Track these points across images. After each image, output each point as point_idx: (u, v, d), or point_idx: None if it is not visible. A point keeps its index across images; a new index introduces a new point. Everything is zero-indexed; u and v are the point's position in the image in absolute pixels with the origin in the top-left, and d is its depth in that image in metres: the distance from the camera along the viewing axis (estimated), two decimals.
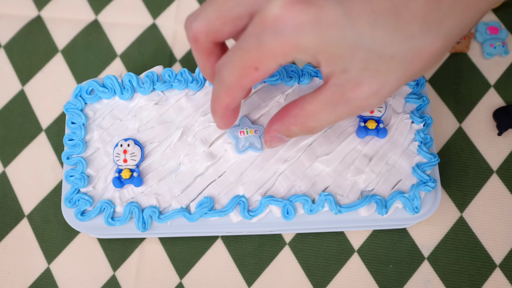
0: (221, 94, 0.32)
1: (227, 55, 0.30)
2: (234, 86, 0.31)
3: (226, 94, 0.32)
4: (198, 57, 0.34)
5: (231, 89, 0.31)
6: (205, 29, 0.31)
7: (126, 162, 0.42)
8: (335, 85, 0.29)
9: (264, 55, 0.28)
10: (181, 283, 0.45)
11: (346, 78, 0.29)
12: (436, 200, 0.42)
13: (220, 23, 0.31)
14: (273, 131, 0.35)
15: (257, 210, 0.40)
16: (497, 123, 0.47)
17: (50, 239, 0.46)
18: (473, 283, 0.44)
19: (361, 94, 0.29)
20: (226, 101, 0.32)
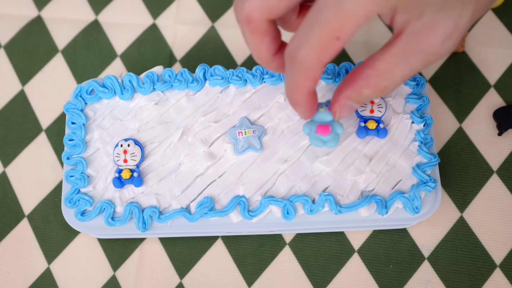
0: (301, 79, 0.30)
1: (300, 35, 0.28)
2: (315, 65, 0.29)
3: (306, 77, 0.30)
4: (252, 39, 0.31)
5: (312, 70, 0.29)
6: (259, 6, 0.29)
7: (126, 162, 0.42)
8: (409, 34, 0.28)
9: (346, 20, 0.26)
10: (181, 283, 0.45)
11: (421, 24, 0.28)
12: (436, 200, 0.42)
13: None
14: (343, 98, 0.32)
15: (257, 210, 0.40)
16: (497, 123, 0.47)
17: (50, 239, 0.46)
18: (473, 283, 0.44)
19: (437, 39, 0.28)
20: (308, 85, 0.30)
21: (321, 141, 0.37)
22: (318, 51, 0.28)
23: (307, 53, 0.28)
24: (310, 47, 0.28)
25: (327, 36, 0.27)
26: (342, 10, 0.26)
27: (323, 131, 0.36)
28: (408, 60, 0.29)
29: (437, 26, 0.28)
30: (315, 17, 0.27)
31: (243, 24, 0.30)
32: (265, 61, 0.33)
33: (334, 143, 0.37)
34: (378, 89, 0.31)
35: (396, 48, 0.29)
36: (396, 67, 0.30)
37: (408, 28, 0.28)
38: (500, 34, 0.50)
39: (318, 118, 0.37)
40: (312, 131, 0.37)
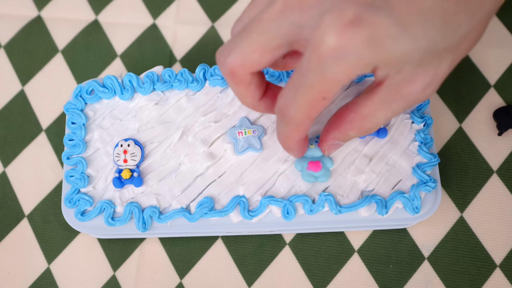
0: (293, 132, 0.32)
1: (288, 94, 0.30)
2: (305, 121, 0.31)
3: (297, 130, 0.32)
4: (236, 89, 0.33)
5: (302, 125, 0.31)
6: (241, 62, 0.31)
7: (126, 162, 0.42)
8: (389, 85, 0.30)
9: (330, 84, 0.28)
10: (181, 283, 0.45)
11: (400, 77, 0.29)
12: (436, 200, 0.42)
13: (258, 55, 0.30)
14: (330, 139, 0.36)
15: (257, 210, 0.40)
16: (497, 123, 0.47)
17: (50, 239, 0.46)
18: (473, 283, 0.44)
19: (416, 88, 0.30)
20: (299, 136, 0.33)
21: (313, 177, 0.41)
22: (307, 110, 0.30)
23: (296, 112, 0.30)
24: (299, 107, 0.30)
25: (314, 98, 0.29)
26: (325, 75, 0.27)
27: (314, 167, 0.40)
28: (390, 105, 0.31)
29: (416, 78, 0.30)
30: (300, 81, 0.29)
31: (227, 77, 0.32)
32: (252, 106, 0.35)
33: (325, 178, 0.41)
34: (363, 130, 0.34)
35: (378, 96, 0.31)
36: (379, 111, 0.32)
37: (388, 80, 0.30)
38: (500, 34, 0.51)
39: (309, 154, 0.41)
40: (304, 168, 0.41)
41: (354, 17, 0.26)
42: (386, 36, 0.26)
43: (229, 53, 0.31)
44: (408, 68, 0.29)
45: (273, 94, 0.35)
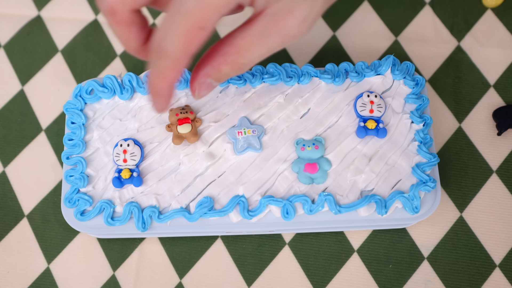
0: (168, 70, 0.30)
1: (164, 25, 0.28)
2: (182, 56, 0.29)
3: (173, 68, 0.30)
4: (118, 30, 0.31)
5: (179, 61, 0.29)
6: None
7: (126, 162, 0.42)
8: (268, 15, 0.30)
9: (207, 10, 0.27)
10: (181, 283, 0.45)
11: (280, 6, 0.29)
12: (436, 200, 0.42)
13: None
14: (202, 76, 0.33)
15: (257, 210, 0.40)
16: (497, 123, 0.47)
17: (50, 239, 0.46)
18: (473, 283, 0.44)
19: (293, 21, 0.30)
20: (174, 75, 0.30)
21: (310, 178, 0.41)
22: (184, 42, 0.28)
23: (173, 44, 0.28)
24: (176, 38, 0.28)
25: (191, 27, 0.28)
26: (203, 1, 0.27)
27: (311, 169, 0.41)
28: (266, 40, 0.30)
29: (294, 9, 0.29)
30: (177, 8, 0.28)
31: (107, 15, 0.30)
32: (135, 51, 0.33)
33: (322, 180, 0.41)
34: (236, 66, 0.32)
35: (255, 27, 0.30)
36: (254, 45, 0.31)
37: (268, 9, 0.29)
38: (500, 34, 0.51)
39: (305, 156, 0.41)
40: (301, 170, 0.41)
41: None
42: None
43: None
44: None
45: None
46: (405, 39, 0.51)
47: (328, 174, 0.41)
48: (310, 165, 0.41)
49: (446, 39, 0.50)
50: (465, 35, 0.50)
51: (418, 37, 0.51)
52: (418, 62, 0.50)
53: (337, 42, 0.51)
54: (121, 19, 0.30)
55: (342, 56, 0.50)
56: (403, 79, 0.44)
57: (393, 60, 0.44)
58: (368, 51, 0.50)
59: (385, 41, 0.51)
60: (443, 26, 0.51)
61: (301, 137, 0.43)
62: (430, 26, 0.51)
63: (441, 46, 0.50)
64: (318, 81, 0.44)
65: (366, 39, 0.51)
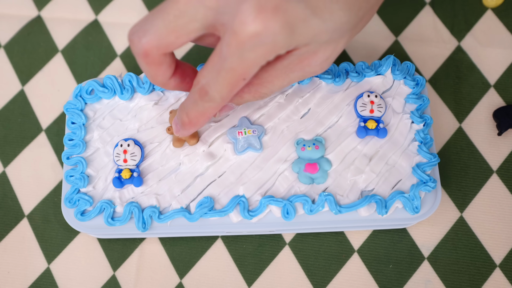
0: (210, 109, 0.34)
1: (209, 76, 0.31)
2: (224, 101, 0.33)
3: (215, 109, 0.34)
4: (148, 69, 0.33)
5: (221, 104, 0.33)
6: (156, 44, 0.31)
7: (126, 162, 0.42)
8: (294, 55, 0.32)
9: (249, 67, 0.30)
10: (181, 283, 0.45)
11: (306, 50, 0.32)
12: (436, 200, 0.42)
13: (174, 37, 0.31)
14: None
15: (257, 210, 0.40)
16: (497, 123, 0.47)
17: (50, 239, 0.46)
18: (473, 283, 0.44)
19: (316, 61, 0.33)
20: (213, 113, 0.35)
21: (310, 178, 0.41)
22: (228, 89, 0.32)
23: (218, 92, 0.32)
24: (221, 87, 0.31)
25: (235, 80, 0.31)
26: (244, 59, 0.29)
27: (312, 169, 0.41)
28: (288, 74, 0.34)
29: (318, 52, 0.32)
30: (221, 64, 0.30)
31: (139, 57, 0.32)
32: (162, 84, 0.36)
33: (322, 180, 0.41)
34: (258, 95, 0.35)
35: (280, 63, 0.33)
36: (277, 78, 0.34)
37: (295, 51, 0.32)
38: (500, 34, 0.51)
39: (306, 156, 0.41)
40: (301, 170, 0.41)
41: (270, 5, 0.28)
42: (298, 20, 0.29)
43: (144, 34, 0.31)
44: (314, 43, 0.31)
45: (182, 72, 0.36)
46: (405, 39, 0.51)
47: (329, 174, 0.41)
48: (310, 165, 0.41)
49: (446, 39, 0.50)
50: (466, 35, 0.50)
51: (418, 37, 0.51)
52: (418, 62, 0.50)
53: None
54: (152, 61, 0.33)
55: (342, 56, 0.50)
56: (403, 79, 0.44)
57: (393, 60, 0.44)
58: (368, 51, 0.50)
59: (385, 41, 0.51)
60: (443, 26, 0.51)
61: (301, 137, 0.43)
62: (430, 26, 0.51)
63: (441, 46, 0.50)
64: (318, 81, 0.44)
65: (366, 39, 0.51)
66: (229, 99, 0.33)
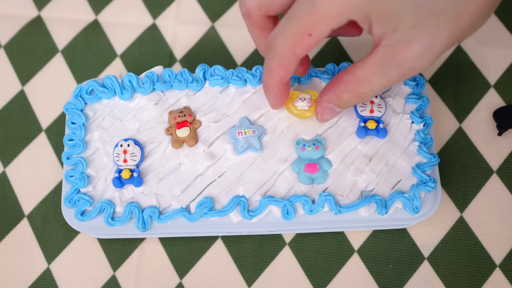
0: (275, 67, 0.32)
1: (279, 27, 0.31)
2: (288, 56, 0.31)
3: (279, 66, 0.32)
4: (252, 32, 0.34)
5: (285, 60, 0.31)
6: (257, 3, 0.32)
7: (126, 162, 0.42)
8: (386, 46, 0.30)
9: (318, 19, 0.28)
10: (181, 283, 0.45)
11: (397, 38, 0.29)
12: (436, 200, 0.42)
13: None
14: (324, 101, 0.36)
15: (257, 210, 0.40)
16: (497, 123, 0.47)
17: (50, 239, 0.46)
18: (473, 283, 0.44)
19: (412, 53, 0.29)
20: (280, 74, 0.33)
21: (310, 178, 0.41)
22: (292, 43, 0.30)
23: (281, 43, 0.31)
24: (285, 38, 0.30)
25: (300, 31, 0.29)
26: (316, 9, 0.28)
27: (312, 169, 0.41)
28: (385, 71, 0.31)
29: (413, 42, 0.29)
30: (292, 11, 0.29)
31: (244, 18, 0.33)
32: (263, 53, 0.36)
33: (322, 180, 0.41)
34: (357, 95, 0.34)
35: (374, 58, 0.31)
36: (374, 75, 0.32)
37: (384, 40, 0.30)
38: (500, 34, 0.51)
39: (306, 156, 0.41)
40: (301, 170, 0.41)
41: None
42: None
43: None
44: (404, 28, 0.29)
45: None
46: None
47: (329, 174, 0.41)
48: (310, 165, 0.41)
49: None
50: None
51: None
52: None
53: (337, 42, 0.51)
54: (255, 23, 0.33)
55: (342, 56, 0.50)
56: None
57: None
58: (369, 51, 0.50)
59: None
60: None
61: (301, 137, 0.43)
62: None
63: None
64: (318, 81, 0.44)
65: (367, 39, 0.51)
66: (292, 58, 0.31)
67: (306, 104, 0.41)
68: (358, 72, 0.32)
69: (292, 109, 0.42)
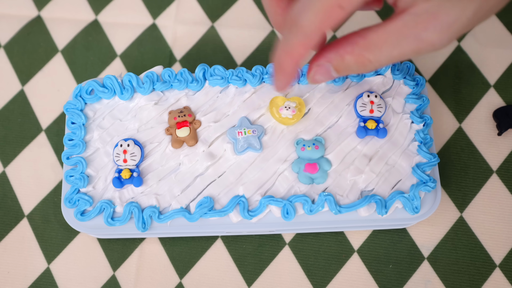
0: (297, 45, 0.29)
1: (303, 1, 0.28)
2: (315, 32, 0.28)
3: (304, 44, 0.29)
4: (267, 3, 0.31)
5: (310, 37, 0.28)
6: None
7: (126, 162, 0.42)
8: (411, 14, 0.28)
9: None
10: (181, 283, 0.45)
11: (426, 7, 0.27)
12: (436, 200, 0.42)
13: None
14: (323, 58, 0.31)
15: (257, 210, 0.40)
16: (497, 123, 0.47)
17: (50, 239, 0.46)
18: (473, 283, 0.44)
19: (435, 25, 0.28)
20: (302, 53, 0.29)
21: (310, 178, 0.41)
22: (320, 17, 0.27)
23: (309, 19, 0.28)
24: (313, 13, 0.27)
25: (330, 3, 0.27)
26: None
27: (311, 169, 0.41)
28: (400, 42, 0.29)
29: (439, 13, 0.27)
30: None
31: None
32: (279, 26, 0.33)
33: (322, 180, 0.41)
34: (361, 60, 0.30)
35: (393, 24, 0.28)
36: (387, 43, 0.29)
37: (413, 8, 0.28)
38: (500, 34, 0.51)
39: (306, 156, 0.41)
40: (301, 170, 0.41)
41: None
42: None
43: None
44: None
45: None
46: None
47: (328, 174, 0.41)
48: (310, 165, 0.41)
49: None
50: (465, 35, 0.50)
51: None
52: (418, 62, 0.50)
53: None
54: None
55: None
56: (403, 79, 0.44)
57: None
58: None
59: None
60: None
61: (301, 137, 0.43)
62: None
63: None
64: None
65: None
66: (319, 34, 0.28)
67: (290, 113, 0.41)
68: (370, 36, 0.29)
69: (275, 114, 0.42)
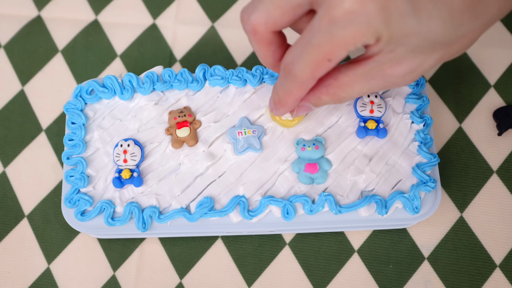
0: (295, 89, 0.33)
1: (295, 51, 0.31)
2: (309, 80, 0.32)
3: (300, 88, 0.33)
4: (257, 48, 0.34)
5: (306, 83, 0.32)
6: (264, 20, 0.32)
7: (126, 162, 0.42)
8: (376, 61, 0.31)
9: (336, 46, 0.29)
10: (181, 283, 0.45)
11: (390, 57, 0.30)
12: (436, 200, 0.42)
13: (280, 13, 0.31)
14: (303, 100, 0.36)
15: (257, 210, 0.40)
16: (497, 123, 0.47)
17: (50, 239, 0.46)
18: (473, 283, 0.44)
19: (399, 71, 0.31)
20: (300, 94, 0.34)
21: (310, 178, 0.41)
22: (311, 68, 0.30)
23: (301, 70, 0.31)
24: (305, 65, 0.30)
25: (319, 58, 0.30)
26: (333, 36, 0.28)
27: (312, 169, 0.41)
28: (369, 81, 0.32)
29: (403, 61, 0.31)
30: (309, 39, 0.29)
31: (249, 34, 0.33)
32: (272, 66, 0.36)
33: (322, 180, 0.41)
34: (336, 98, 0.34)
35: (361, 68, 0.32)
36: (357, 83, 0.33)
37: (378, 56, 0.30)
38: (500, 34, 0.51)
39: (306, 156, 0.41)
40: (301, 170, 0.41)
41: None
42: (396, 10, 0.27)
43: (253, 10, 0.32)
44: (402, 50, 0.30)
45: None
46: None
47: (329, 174, 0.41)
48: (310, 165, 0.41)
49: None
50: None
51: None
52: None
53: None
54: (261, 39, 0.33)
55: None
56: None
57: None
58: None
59: None
60: None
61: (301, 137, 0.43)
62: None
63: None
64: None
65: None
66: (312, 80, 0.32)
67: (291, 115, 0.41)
68: (341, 78, 0.33)
69: (275, 117, 0.42)
